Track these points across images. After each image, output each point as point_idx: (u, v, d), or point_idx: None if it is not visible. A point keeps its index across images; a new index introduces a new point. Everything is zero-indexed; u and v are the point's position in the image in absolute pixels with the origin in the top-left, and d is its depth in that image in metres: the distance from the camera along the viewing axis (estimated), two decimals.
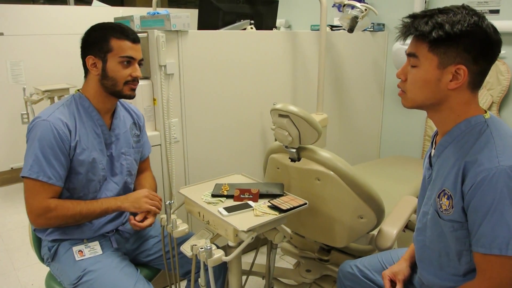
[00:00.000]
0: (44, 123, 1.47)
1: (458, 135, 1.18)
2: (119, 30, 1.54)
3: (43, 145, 1.46)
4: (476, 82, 1.15)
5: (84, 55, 1.56)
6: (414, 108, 1.23)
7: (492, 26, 1.12)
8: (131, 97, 1.62)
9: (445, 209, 1.17)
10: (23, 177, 1.48)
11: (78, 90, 1.62)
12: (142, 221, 1.61)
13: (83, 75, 1.61)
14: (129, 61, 1.55)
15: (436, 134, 1.31)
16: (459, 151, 1.16)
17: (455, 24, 1.09)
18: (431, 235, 1.26)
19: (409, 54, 1.19)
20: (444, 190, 1.17)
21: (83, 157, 1.54)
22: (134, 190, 1.79)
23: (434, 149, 1.28)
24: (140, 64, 1.60)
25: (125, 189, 1.71)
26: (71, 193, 1.57)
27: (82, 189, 1.58)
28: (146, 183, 1.82)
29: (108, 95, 1.59)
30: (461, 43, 1.09)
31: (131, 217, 1.61)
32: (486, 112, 1.19)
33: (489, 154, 1.09)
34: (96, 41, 1.53)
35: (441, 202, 1.18)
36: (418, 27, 1.12)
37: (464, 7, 1.13)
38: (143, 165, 1.86)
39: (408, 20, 1.17)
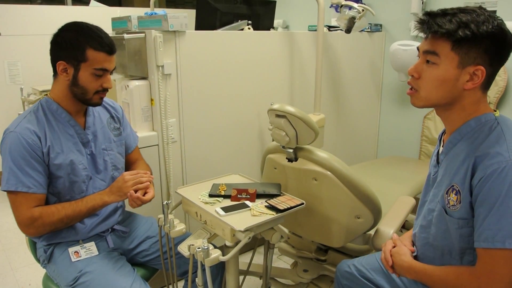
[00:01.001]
0: (12, 134, 1.46)
1: (468, 132, 1.19)
2: (97, 40, 1.47)
3: (14, 157, 1.44)
4: (489, 83, 1.17)
5: (54, 58, 1.50)
6: (426, 107, 1.23)
7: (509, 29, 1.12)
8: (99, 105, 1.59)
9: (452, 205, 1.17)
10: (4, 191, 1.47)
11: (46, 94, 1.58)
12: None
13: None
14: (102, 73, 1.51)
15: (443, 132, 1.32)
16: (469, 146, 1.16)
17: (480, 24, 1.08)
18: (435, 232, 1.25)
19: (427, 52, 1.17)
20: (453, 185, 1.17)
21: (60, 161, 1.51)
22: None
23: (442, 146, 1.28)
24: (111, 73, 1.56)
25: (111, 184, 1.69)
26: (57, 197, 1.56)
27: (67, 192, 1.56)
28: (138, 168, 1.79)
29: (76, 100, 1.55)
30: (483, 44, 1.10)
31: (132, 192, 1.56)
32: (495, 110, 1.20)
33: (500, 148, 1.09)
34: (70, 47, 1.46)
35: (449, 198, 1.18)
36: (442, 24, 1.11)
37: (484, 8, 1.13)
38: (133, 156, 1.85)
39: (425, 17, 1.16)
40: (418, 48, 1.22)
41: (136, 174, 1.61)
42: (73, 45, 1.46)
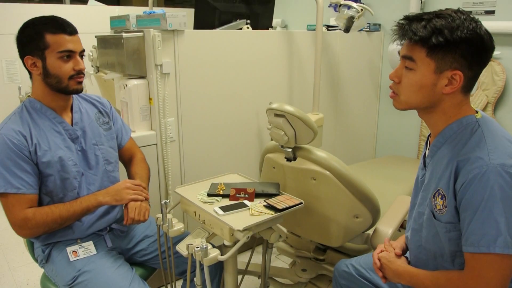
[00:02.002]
0: None
1: (450, 136, 1.19)
2: (53, 24, 1.47)
3: (1, 159, 1.44)
4: (469, 86, 1.17)
5: (22, 56, 1.49)
6: (407, 110, 1.24)
7: (487, 32, 1.12)
8: (79, 91, 1.56)
9: (439, 209, 1.18)
10: None
11: (29, 95, 1.58)
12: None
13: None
14: (69, 55, 1.49)
15: (429, 135, 1.32)
16: (452, 151, 1.17)
17: (454, 30, 1.08)
18: (426, 236, 1.26)
19: (405, 57, 1.18)
20: (438, 190, 1.18)
21: (48, 158, 1.50)
22: (128, 172, 1.79)
23: (428, 149, 1.29)
24: (81, 56, 1.54)
25: (108, 178, 1.69)
26: (50, 197, 1.55)
27: (60, 190, 1.55)
28: (137, 171, 1.79)
29: (56, 93, 1.54)
30: (459, 49, 1.10)
31: (124, 211, 1.58)
32: (477, 112, 1.20)
33: (480, 152, 1.10)
34: (30, 40, 1.46)
35: (435, 202, 1.19)
36: (416, 31, 1.11)
37: (461, 12, 1.12)
38: (128, 150, 1.84)
39: (403, 22, 1.16)
40: (399, 53, 1.22)
41: (141, 187, 1.63)
42: (33, 37, 1.46)
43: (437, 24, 1.10)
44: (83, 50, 1.56)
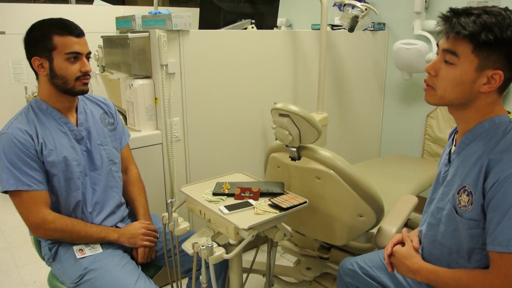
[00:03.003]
0: (4, 136, 1.48)
1: (481, 133, 1.18)
2: (61, 26, 1.49)
3: (10, 158, 1.46)
4: (505, 86, 1.15)
5: (29, 57, 1.52)
6: (439, 105, 1.22)
7: None
8: (84, 92, 1.59)
9: (463, 205, 1.16)
10: (4, 192, 1.49)
11: (35, 95, 1.60)
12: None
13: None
14: (75, 56, 1.51)
15: (455, 131, 1.31)
16: (482, 148, 1.15)
17: (504, 29, 1.06)
18: (444, 231, 1.25)
19: (447, 50, 1.14)
20: (464, 186, 1.17)
21: (52, 158, 1.53)
22: (123, 193, 1.80)
23: (454, 146, 1.28)
24: (88, 58, 1.57)
25: (111, 179, 1.71)
26: (55, 194, 1.57)
27: (64, 189, 1.57)
28: (133, 191, 1.83)
29: (62, 93, 1.56)
30: (505, 49, 1.07)
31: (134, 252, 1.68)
32: (510, 112, 1.19)
33: None
34: (38, 41, 1.49)
35: (460, 198, 1.18)
36: (466, 26, 1.08)
37: (510, 10, 1.09)
38: (124, 161, 1.85)
39: (449, 14, 1.13)
40: (437, 45, 1.19)
41: (154, 234, 1.72)
42: (40, 38, 1.49)
43: (488, 20, 1.06)
44: (90, 52, 1.58)
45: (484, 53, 1.08)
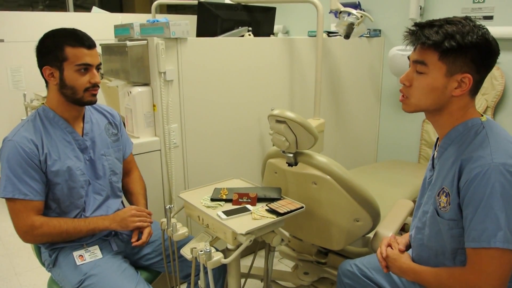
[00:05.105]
0: (9, 143, 1.49)
1: (456, 137, 1.24)
2: (73, 37, 1.51)
3: (11, 165, 1.48)
4: (476, 89, 1.22)
5: (40, 66, 1.54)
6: (416, 112, 1.29)
7: (494, 38, 1.19)
8: (93, 102, 1.60)
9: (443, 206, 1.22)
10: (1, 198, 1.50)
11: (43, 103, 1.62)
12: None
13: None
14: (86, 68, 1.53)
15: (438, 138, 1.36)
16: (457, 151, 1.22)
17: (465, 35, 1.14)
18: (429, 233, 1.30)
19: (417, 61, 1.22)
20: (443, 188, 1.23)
21: (57, 168, 1.54)
22: (124, 192, 1.82)
23: (436, 151, 1.34)
24: (98, 69, 1.58)
25: (112, 189, 1.74)
26: (57, 203, 1.59)
27: (67, 197, 1.59)
28: (134, 187, 1.85)
29: (70, 103, 1.58)
30: (469, 53, 1.15)
31: (132, 240, 1.66)
32: (482, 115, 1.25)
33: (483, 152, 1.15)
34: (50, 51, 1.51)
35: (440, 200, 1.24)
36: (430, 36, 1.17)
37: (469, 19, 1.18)
38: (128, 165, 1.88)
39: (415, 28, 1.21)
40: (409, 58, 1.27)
41: (145, 213, 1.70)
42: (53, 48, 1.51)
43: (449, 29, 1.15)
44: (100, 64, 1.60)
45: (450, 59, 1.16)
